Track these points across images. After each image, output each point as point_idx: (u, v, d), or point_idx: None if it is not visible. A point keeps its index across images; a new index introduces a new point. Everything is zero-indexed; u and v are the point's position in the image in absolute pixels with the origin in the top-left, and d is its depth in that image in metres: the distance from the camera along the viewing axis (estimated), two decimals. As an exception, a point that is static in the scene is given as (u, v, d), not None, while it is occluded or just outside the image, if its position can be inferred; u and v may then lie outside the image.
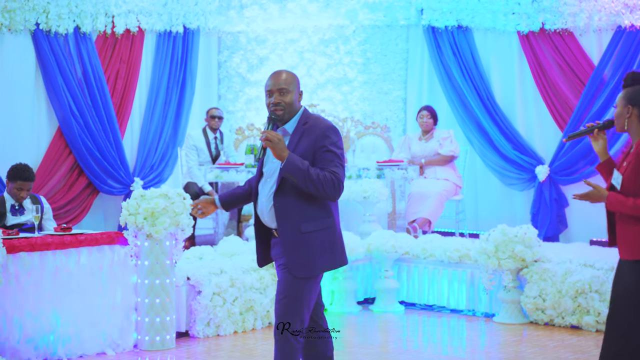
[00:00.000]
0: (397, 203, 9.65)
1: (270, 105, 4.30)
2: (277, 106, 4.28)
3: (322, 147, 4.22)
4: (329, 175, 4.18)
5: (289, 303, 4.24)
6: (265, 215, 4.32)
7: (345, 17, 11.09)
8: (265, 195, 4.31)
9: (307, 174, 4.15)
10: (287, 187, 4.21)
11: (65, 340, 6.11)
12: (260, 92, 11.29)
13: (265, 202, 4.30)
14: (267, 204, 4.29)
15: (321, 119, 4.34)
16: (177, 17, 10.54)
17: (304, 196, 4.22)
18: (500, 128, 10.26)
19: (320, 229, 4.26)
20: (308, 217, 4.24)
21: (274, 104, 4.28)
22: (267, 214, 4.31)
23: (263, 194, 4.33)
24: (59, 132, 9.67)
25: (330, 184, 4.18)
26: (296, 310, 4.23)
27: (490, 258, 7.40)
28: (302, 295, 4.25)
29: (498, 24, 10.27)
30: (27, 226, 7.11)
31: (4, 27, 9.15)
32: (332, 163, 4.21)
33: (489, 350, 6.63)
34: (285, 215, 4.24)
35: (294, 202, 4.22)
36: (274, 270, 7.31)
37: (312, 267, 4.24)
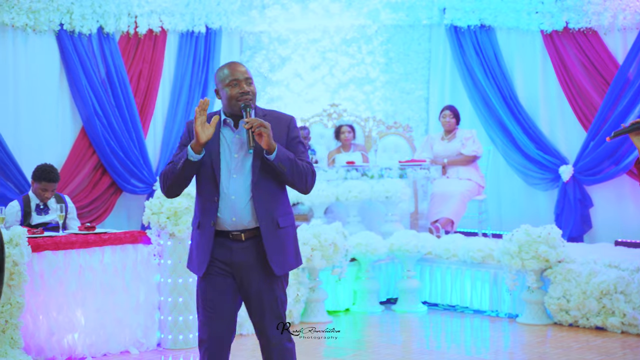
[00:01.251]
0: (420, 203, 9.62)
1: (238, 95, 3.93)
2: (247, 95, 3.94)
3: (295, 138, 4.02)
4: (308, 166, 4.00)
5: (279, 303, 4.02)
6: (237, 213, 3.93)
7: (368, 16, 11.07)
8: (239, 191, 3.93)
9: (295, 163, 3.94)
10: (262, 181, 3.93)
11: (90, 339, 6.14)
12: (283, 92, 11.30)
13: (240, 198, 3.92)
14: (243, 199, 3.92)
15: (276, 111, 4.12)
16: (200, 17, 10.56)
17: (277, 190, 3.99)
18: (523, 128, 10.20)
19: (290, 225, 4.05)
20: (282, 212, 4.01)
21: (243, 93, 3.94)
22: (241, 212, 3.93)
23: (235, 190, 3.93)
24: (82, 132, 9.71)
25: (311, 175, 4.01)
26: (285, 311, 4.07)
27: (514, 258, 7.36)
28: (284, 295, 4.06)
29: (521, 23, 10.22)
30: (51, 225, 7.16)
31: (29, 28, 9.21)
32: (305, 155, 4.03)
33: (512, 351, 6.60)
34: (266, 210, 3.94)
35: (271, 196, 3.97)
36: (296, 270, 7.33)
37: (288, 265, 4.02)
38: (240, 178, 3.94)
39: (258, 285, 3.97)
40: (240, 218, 3.93)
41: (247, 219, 3.94)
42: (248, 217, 3.93)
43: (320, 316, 7.54)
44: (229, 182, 3.93)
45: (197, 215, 4.03)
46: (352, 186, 8.78)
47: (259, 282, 3.97)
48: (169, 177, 3.96)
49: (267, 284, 3.98)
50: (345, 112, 10.65)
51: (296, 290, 7.30)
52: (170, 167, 3.96)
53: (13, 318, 5.69)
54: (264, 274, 3.97)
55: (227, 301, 3.98)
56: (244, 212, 3.93)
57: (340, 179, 9.05)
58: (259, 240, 3.95)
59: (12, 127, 9.20)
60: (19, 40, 9.23)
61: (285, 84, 11.32)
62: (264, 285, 3.98)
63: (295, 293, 7.29)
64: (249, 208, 3.93)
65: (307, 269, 7.46)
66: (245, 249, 3.95)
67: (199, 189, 4.02)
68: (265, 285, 3.98)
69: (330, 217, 9.13)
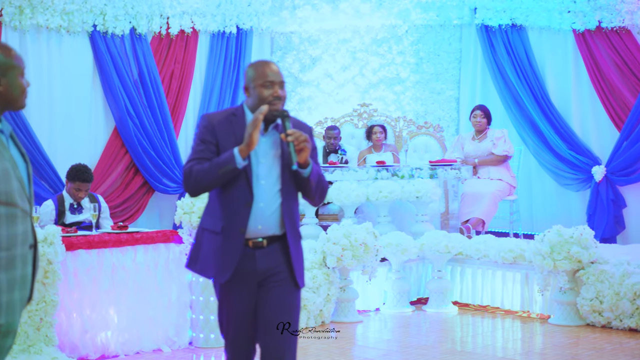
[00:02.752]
0: (450, 203, 9.60)
1: (271, 98, 3.76)
2: (279, 100, 3.79)
3: (315, 150, 3.87)
4: (327, 183, 3.92)
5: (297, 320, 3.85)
6: (264, 220, 3.75)
7: (398, 16, 11.07)
8: (267, 197, 3.75)
9: (321, 179, 3.84)
10: (289, 189, 3.80)
11: (122, 337, 6.20)
12: (314, 93, 11.32)
13: (268, 205, 3.75)
14: (271, 206, 3.76)
15: (296, 118, 3.94)
16: (231, 17, 10.62)
17: (297, 200, 3.86)
18: (555, 127, 10.14)
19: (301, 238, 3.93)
20: (299, 222, 3.89)
21: (276, 97, 3.78)
22: (268, 219, 3.75)
23: (263, 197, 3.75)
24: (115, 132, 9.81)
25: (327, 190, 3.92)
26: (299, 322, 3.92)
27: (546, 259, 7.31)
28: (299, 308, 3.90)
29: (553, 23, 10.16)
30: (85, 224, 7.24)
31: (63, 29, 9.32)
32: (318, 166, 3.88)
33: (544, 352, 6.56)
34: (290, 219, 3.80)
35: (294, 205, 3.85)
36: (327, 269, 7.35)
37: (303, 279, 3.88)
38: (267, 184, 3.76)
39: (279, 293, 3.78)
40: (266, 226, 3.76)
41: (272, 227, 3.77)
42: (274, 225, 3.77)
43: (351, 316, 7.55)
44: (257, 189, 3.75)
45: (220, 219, 3.76)
46: (383, 186, 8.77)
47: (280, 291, 3.78)
48: (204, 180, 3.72)
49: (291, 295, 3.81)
50: (375, 112, 10.64)
51: (327, 290, 7.31)
52: (206, 171, 3.71)
53: (47, 316, 5.75)
54: (287, 283, 3.80)
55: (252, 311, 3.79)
56: (270, 219, 3.76)
57: (371, 179, 9.05)
58: (279, 247, 3.79)
59: (47, 127, 9.31)
60: (53, 41, 9.35)
61: (315, 84, 11.34)
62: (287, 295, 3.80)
63: (326, 293, 7.31)
64: (276, 216, 3.76)
65: (337, 269, 7.47)
66: (268, 256, 3.77)
67: (224, 192, 3.77)
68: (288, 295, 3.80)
69: (361, 217, 9.14)
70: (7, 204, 3.05)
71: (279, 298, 3.78)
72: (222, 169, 3.69)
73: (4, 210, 3.04)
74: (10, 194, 3.06)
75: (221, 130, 3.79)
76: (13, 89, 3.14)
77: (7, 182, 3.05)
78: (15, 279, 3.09)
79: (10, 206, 3.06)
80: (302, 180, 3.78)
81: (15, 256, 3.09)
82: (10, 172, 3.07)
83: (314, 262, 7.30)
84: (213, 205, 3.84)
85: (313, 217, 9.07)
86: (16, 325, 3.21)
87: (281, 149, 3.80)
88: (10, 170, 3.07)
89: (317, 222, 9.14)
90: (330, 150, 9.89)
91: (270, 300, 3.77)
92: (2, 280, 3.04)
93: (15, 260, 3.09)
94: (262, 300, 3.79)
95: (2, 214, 3.04)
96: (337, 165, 9.26)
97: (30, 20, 9.03)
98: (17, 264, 3.10)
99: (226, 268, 3.74)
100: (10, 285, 3.08)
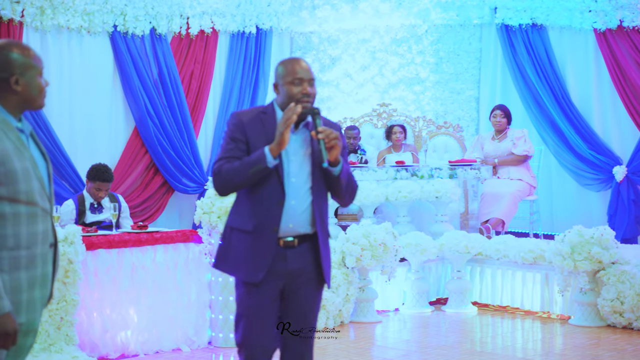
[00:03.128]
0: (470, 203, 9.57)
1: (300, 95, 3.71)
2: (309, 97, 3.74)
3: (345, 148, 3.83)
4: (356, 183, 3.90)
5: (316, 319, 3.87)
6: (295, 218, 3.72)
7: (418, 16, 11.04)
8: (298, 195, 3.72)
9: (351, 178, 3.84)
10: (319, 187, 3.77)
11: (142, 336, 6.22)
12: (333, 93, 11.32)
13: (300, 203, 3.72)
14: (302, 204, 3.73)
15: (326, 118, 3.87)
16: (250, 17, 10.64)
17: (327, 198, 3.84)
18: (575, 127, 10.08)
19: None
20: (328, 221, 3.87)
21: (305, 94, 3.73)
22: (299, 217, 3.72)
23: (295, 195, 3.72)
24: (135, 132, 9.85)
25: (356, 190, 3.91)
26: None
27: (566, 259, 7.27)
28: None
29: (574, 22, 10.10)
30: (105, 224, 7.28)
31: (83, 29, 9.37)
32: (348, 164, 3.83)
33: (564, 353, 6.52)
34: (322, 216, 3.77)
35: (324, 203, 3.82)
36: (346, 269, 7.35)
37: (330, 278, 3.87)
38: (298, 182, 3.73)
39: (306, 293, 3.78)
40: (297, 224, 3.72)
41: (303, 226, 3.74)
42: (305, 223, 3.74)
43: (370, 316, 7.55)
44: (289, 186, 3.71)
45: (250, 217, 3.72)
46: (402, 186, 8.76)
47: (306, 291, 3.78)
48: (234, 179, 3.68)
49: (315, 295, 3.82)
50: (395, 112, 10.62)
51: (346, 290, 7.31)
52: (236, 170, 3.68)
53: (68, 315, 5.79)
54: (314, 282, 3.80)
55: (274, 314, 3.77)
56: (301, 217, 3.72)
57: (390, 179, 9.04)
58: (310, 246, 3.77)
59: (67, 127, 9.37)
60: (74, 41, 9.40)
61: (335, 84, 11.34)
62: (312, 295, 3.81)
63: (345, 293, 7.30)
64: (307, 214, 3.73)
65: (356, 269, 7.47)
66: (299, 255, 3.74)
67: (255, 191, 3.72)
68: (313, 295, 3.81)
69: (380, 217, 9.13)
70: (27, 203, 3.07)
71: (305, 299, 3.78)
72: (253, 168, 3.66)
73: (24, 209, 3.07)
74: (31, 193, 3.08)
75: (251, 128, 3.76)
76: (31, 88, 3.15)
77: (28, 181, 3.07)
78: (35, 278, 3.12)
79: (31, 205, 3.08)
80: (332, 179, 3.75)
81: (35, 255, 3.11)
82: (30, 172, 3.09)
83: (333, 262, 7.29)
84: (242, 203, 3.80)
85: (332, 217, 9.07)
86: (37, 324, 3.24)
87: (311, 147, 3.77)
88: (31, 170, 3.10)
89: (336, 222, 9.14)
90: (350, 150, 9.88)
91: (296, 301, 3.77)
92: (22, 279, 3.07)
93: (35, 259, 3.11)
94: (288, 300, 3.77)
95: (23, 213, 3.06)
96: (356, 165, 9.25)
97: (52, 21, 9.08)
98: (38, 262, 3.13)
99: (259, 268, 3.69)
100: (31, 284, 3.10)
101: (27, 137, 3.19)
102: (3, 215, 3.03)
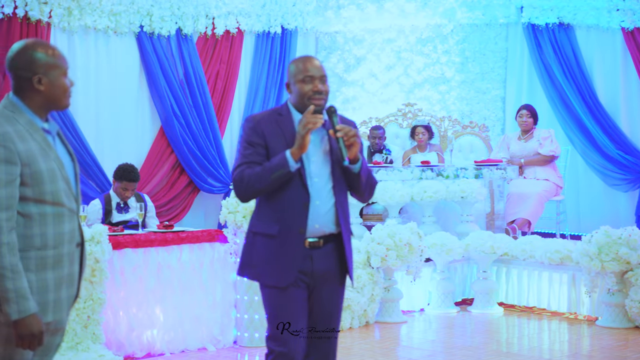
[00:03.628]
0: (496, 203, 9.52)
1: (311, 93, 3.67)
2: (320, 95, 3.69)
3: (361, 144, 3.75)
4: (375, 179, 3.88)
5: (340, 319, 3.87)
6: (320, 219, 3.69)
7: (443, 16, 11.00)
8: (322, 195, 3.70)
9: (370, 175, 3.82)
10: (340, 186, 3.75)
11: (168, 335, 6.25)
12: (358, 93, 11.30)
13: (324, 203, 3.70)
14: (326, 204, 3.71)
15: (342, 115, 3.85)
16: (276, 17, 10.65)
17: (347, 196, 3.82)
18: (603, 127, 10.00)
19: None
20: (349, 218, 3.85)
21: (317, 92, 3.68)
22: (324, 217, 3.70)
23: (319, 195, 3.69)
24: (161, 132, 9.89)
25: (375, 186, 3.90)
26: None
27: (593, 260, 7.21)
28: None
29: (601, 21, 10.02)
30: (131, 223, 7.32)
31: (110, 30, 9.43)
32: (365, 161, 3.79)
33: (591, 354, 6.47)
34: (345, 215, 3.76)
35: (345, 202, 3.80)
36: (371, 269, 7.33)
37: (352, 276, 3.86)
38: (320, 182, 3.70)
39: (330, 293, 3.77)
40: (322, 224, 3.70)
41: (328, 225, 3.71)
42: (330, 223, 3.71)
43: (395, 316, 7.53)
44: (312, 187, 3.69)
45: (274, 221, 3.70)
46: (427, 186, 8.74)
47: (332, 291, 3.78)
48: (256, 185, 3.65)
49: (339, 294, 3.82)
50: (420, 112, 10.59)
51: (371, 290, 7.30)
52: (258, 176, 3.65)
53: (95, 314, 5.82)
54: (337, 282, 3.79)
55: (305, 315, 3.74)
56: (326, 217, 3.70)
57: (415, 179, 9.02)
58: (334, 246, 3.75)
59: (94, 127, 9.43)
60: (101, 42, 9.46)
61: (360, 84, 11.33)
62: (336, 294, 3.80)
63: (370, 293, 7.29)
64: (331, 213, 3.71)
65: (382, 269, 7.45)
66: (325, 256, 3.72)
67: (278, 194, 3.69)
68: (337, 294, 3.80)
69: (405, 217, 9.10)
70: (53, 203, 3.08)
71: (330, 299, 3.77)
72: (275, 173, 3.62)
73: (50, 209, 3.08)
74: (57, 194, 3.09)
75: (269, 131, 3.72)
76: (55, 88, 3.14)
77: (54, 182, 3.08)
78: (62, 278, 3.13)
79: (57, 205, 3.10)
80: (352, 176, 3.74)
81: (62, 254, 3.12)
82: (56, 172, 3.10)
83: (358, 262, 7.29)
84: (264, 208, 3.76)
85: (357, 217, 9.06)
86: (64, 323, 3.25)
87: (329, 146, 3.75)
88: (57, 170, 3.11)
89: (362, 222, 9.13)
90: (375, 150, 9.87)
91: (321, 301, 3.75)
92: (49, 278, 3.09)
93: (62, 258, 3.13)
94: (314, 301, 3.76)
95: (49, 213, 3.08)
96: (381, 165, 9.24)
97: (79, 22, 9.15)
98: (65, 262, 3.14)
99: (287, 271, 3.66)
100: (58, 283, 3.12)
101: (54, 137, 3.19)
102: (30, 215, 3.04)
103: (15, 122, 3.06)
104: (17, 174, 3.01)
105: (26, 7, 8.68)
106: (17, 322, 2.97)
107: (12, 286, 2.95)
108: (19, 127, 3.06)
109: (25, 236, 3.04)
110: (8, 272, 2.95)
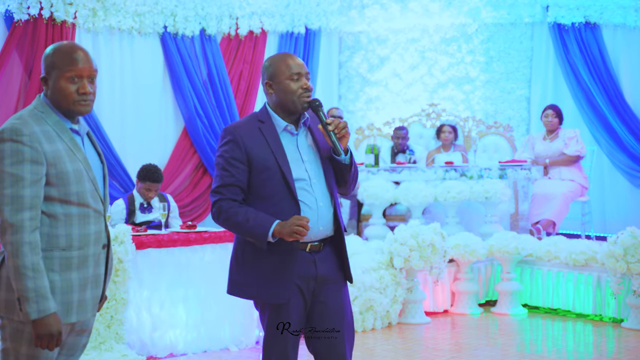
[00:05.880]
0: (520, 204, 9.46)
1: (300, 91, 3.52)
2: (309, 92, 3.55)
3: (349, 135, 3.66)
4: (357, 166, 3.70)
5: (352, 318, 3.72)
6: (323, 220, 3.55)
7: (468, 15, 10.95)
8: (322, 196, 3.56)
9: (356, 166, 3.67)
10: (331, 184, 3.60)
11: (190, 335, 6.26)
12: (382, 93, 11.28)
13: (325, 204, 3.56)
14: (327, 205, 3.56)
15: None
16: (299, 18, 10.66)
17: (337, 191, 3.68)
18: (629, 127, 9.91)
19: None
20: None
21: (306, 89, 3.54)
22: (326, 218, 3.55)
23: (321, 196, 3.55)
24: (184, 132, 9.93)
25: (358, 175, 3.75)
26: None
27: (619, 262, 7.15)
28: None
29: (628, 20, 9.93)
30: (154, 223, 7.34)
31: (134, 30, 9.48)
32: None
33: (617, 357, 6.41)
34: (339, 215, 3.63)
35: (337, 198, 3.66)
36: (394, 270, 7.31)
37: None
38: (318, 183, 3.55)
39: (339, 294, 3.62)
40: (326, 226, 3.55)
41: (330, 226, 3.58)
42: (331, 223, 3.58)
43: (419, 317, 7.50)
44: (313, 189, 3.53)
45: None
46: (451, 186, 8.70)
47: (338, 291, 3.62)
48: (231, 229, 3.50)
49: (347, 292, 3.67)
50: (444, 112, 10.56)
51: (394, 290, 7.27)
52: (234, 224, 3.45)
53: (118, 314, 5.84)
54: (341, 284, 3.64)
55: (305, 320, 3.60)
56: (327, 218, 3.55)
57: (439, 179, 8.99)
58: (332, 249, 3.61)
59: (118, 127, 9.48)
60: (125, 42, 9.51)
61: (383, 84, 11.30)
62: (345, 293, 3.66)
63: (393, 294, 7.27)
64: (331, 213, 3.57)
65: (404, 270, 7.42)
66: (325, 259, 3.58)
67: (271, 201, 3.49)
68: (345, 293, 3.66)
69: (429, 217, 9.07)
70: (79, 204, 3.08)
71: (338, 300, 3.60)
72: (251, 236, 3.44)
73: (75, 210, 3.08)
74: (82, 195, 3.09)
75: (251, 142, 3.50)
76: (56, 90, 3.10)
77: (80, 182, 3.08)
78: (87, 278, 3.13)
79: (82, 207, 3.09)
80: (343, 168, 3.59)
81: (87, 255, 3.12)
82: (83, 173, 3.09)
83: (380, 263, 7.27)
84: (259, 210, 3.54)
85: (380, 218, 9.04)
86: (90, 324, 3.25)
87: (315, 144, 3.62)
88: (84, 172, 3.10)
89: (384, 222, 9.11)
90: (398, 151, 9.85)
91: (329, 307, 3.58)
92: (73, 279, 3.08)
93: (87, 259, 3.12)
94: (321, 307, 3.59)
95: (74, 214, 3.08)
96: (405, 165, 9.21)
97: (103, 22, 9.20)
98: (90, 263, 3.13)
99: (285, 285, 3.48)
100: (82, 284, 3.11)
101: (83, 138, 3.18)
102: (55, 215, 3.05)
103: (43, 123, 3.06)
104: (43, 174, 3.00)
105: (51, 8, 8.75)
106: (36, 321, 2.96)
107: (32, 285, 2.95)
108: (47, 127, 3.06)
109: (50, 236, 3.04)
110: (29, 271, 2.94)
